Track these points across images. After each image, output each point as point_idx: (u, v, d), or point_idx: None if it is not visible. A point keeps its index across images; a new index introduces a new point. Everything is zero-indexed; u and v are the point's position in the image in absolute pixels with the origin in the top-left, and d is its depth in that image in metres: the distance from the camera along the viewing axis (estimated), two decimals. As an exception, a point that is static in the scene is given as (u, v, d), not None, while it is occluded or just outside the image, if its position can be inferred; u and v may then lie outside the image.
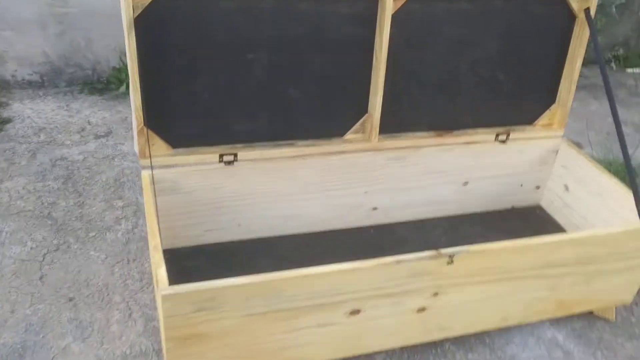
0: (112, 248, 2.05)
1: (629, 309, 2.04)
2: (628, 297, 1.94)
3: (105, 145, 2.59)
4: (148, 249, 2.06)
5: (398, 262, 1.52)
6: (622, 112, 2.11)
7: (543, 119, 2.20)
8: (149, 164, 1.77)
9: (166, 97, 1.72)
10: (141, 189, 2.34)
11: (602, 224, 2.03)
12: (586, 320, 1.98)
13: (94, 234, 2.11)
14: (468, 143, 2.10)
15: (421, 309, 1.64)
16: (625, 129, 3.39)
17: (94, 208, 2.23)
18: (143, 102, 1.68)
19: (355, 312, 1.56)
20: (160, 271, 1.39)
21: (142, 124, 1.71)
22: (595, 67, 3.47)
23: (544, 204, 2.32)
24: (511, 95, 2.12)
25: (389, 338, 1.67)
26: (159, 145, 1.78)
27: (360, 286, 1.52)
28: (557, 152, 2.21)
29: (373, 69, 1.89)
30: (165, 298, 1.33)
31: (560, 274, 1.75)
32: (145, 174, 1.75)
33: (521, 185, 2.27)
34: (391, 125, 1.99)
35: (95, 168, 2.43)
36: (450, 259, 1.57)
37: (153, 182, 1.75)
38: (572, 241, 1.68)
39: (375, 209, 2.11)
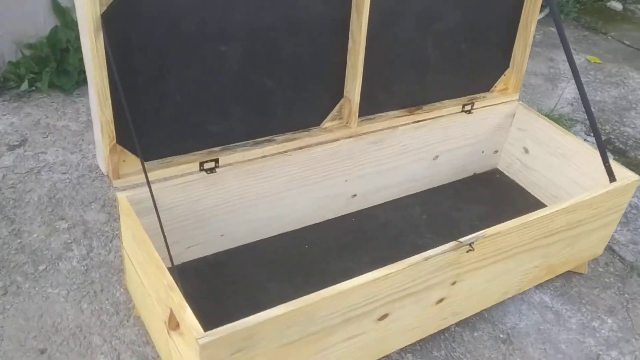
0: (71, 280, 1.78)
1: (595, 260, 2.17)
2: (600, 251, 2.06)
3: (24, 157, 2.21)
4: (112, 274, 1.82)
5: (426, 259, 1.46)
6: (528, 64, 2.20)
7: (500, 84, 2.22)
8: (123, 185, 1.53)
9: (137, 105, 1.48)
10: (82, 203, 2.06)
11: (568, 183, 2.11)
12: (563, 277, 2.07)
13: (44, 266, 1.81)
14: (438, 117, 2.07)
15: (440, 300, 1.61)
16: (535, 80, 3.59)
17: (34, 235, 1.91)
18: (114, 115, 1.42)
19: (384, 316, 1.49)
20: (187, 315, 1.21)
21: (114, 141, 1.46)
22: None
23: (502, 167, 2.37)
24: (471, 64, 2.10)
25: (409, 334, 1.63)
26: (131, 161, 1.54)
27: (391, 290, 1.45)
28: (513, 115, 2.25)
29: (349, 51, 1.77)
30: (204, 347, 1.16)
31: (553, 241, 1.80)
32: (122, 197, 1.50)
33: (482, 152, 2.29)
34: (366, 108, 1.89)
35: (20, 186, 2.08)
36: (471, 246, 1.54)
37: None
38: (566, 209, 1.72)
39: (354, 195, 2.02)
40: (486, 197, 2.23)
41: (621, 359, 1.84)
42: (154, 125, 1.54)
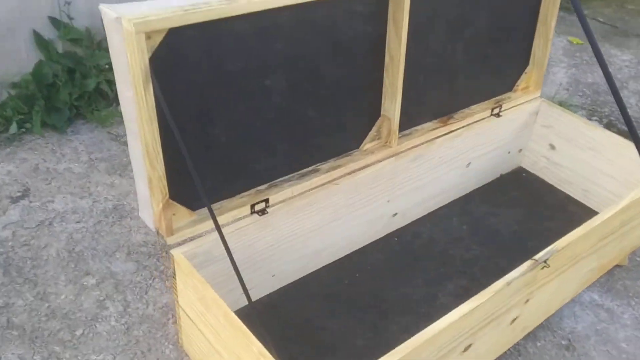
0: (114, 343, 1.64)
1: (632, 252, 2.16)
2: (638, 242, 2.05)
3: (30, 209, 2.03)
4: (156, 329, 1.69)
5: (508, 283, 1.40)
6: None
7: (522, 83, 2.17)
8: (176, 240, 1.40)
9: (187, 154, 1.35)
10: (105, 254, 1.91)
11: (600, 176, 2.08)
12: (606, 272, 2.06)
13: (80, 331, 1.66)
14: (471, 124, 2.00)
15: (514, 319, 1.55)
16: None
17: (62, 296, 1.75)
18: (166, 169, 1.29)
19: (468, 347, 1.42)
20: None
21: (167, 197, 1.33)
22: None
23: (526, 166, 2.33)
24: (494, 66, 2.05)
25: (485, 357, 1.57)
26: (181, 214, 1.41)
27: (477, 320, 1.38)
28: (537, 113, 2.21)
29: (386, 68, 1.68)
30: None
31: (608, 242, 1.77)
32: (179, 254, 1.38)
33: (509, 152, 2.25)
34: (403, 124, 1.81)
35: (34, 243, 1.90)
36: (546, 263, 1.49)
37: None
38: (622, 209, 1.69)
39: (395, 215, 1.94)
40: (517, 199, 2.19)
41: (608, 351, 1.84)
42: (202, 172, 1.41)
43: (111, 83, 2.49)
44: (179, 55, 1.24)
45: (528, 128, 2.24)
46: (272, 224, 1.57)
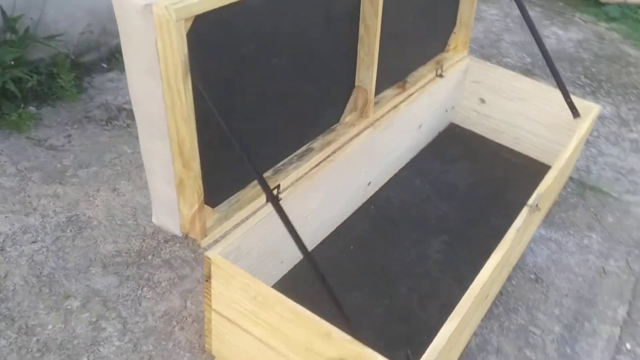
0: (125, 362, 1.51)
1: (558, 184, 2.44)
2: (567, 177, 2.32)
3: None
4: (164, 340, 1.59)
5: (517, 230, 1.52)
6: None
7: (452, 43, 2.30)
8: (209, 242, 1.32)
9: (217, 152, 1.26)
10: (79, 271, 1.73)
11: (529, 123, 2.30)
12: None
13: (84, 359, 1.50)
14: (423, 87, 2.09)
15: (505, 262, 1.70)
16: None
17: (49, 327, 1.55)
18: (202, 169, 1.20)
19: (486, 296, 1.53)
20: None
21: (202, 198, 1.24)
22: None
23: (458, 122, 2.50)
24: (430, 29, 2.15)
25: (487, 301, 1.70)
26: (207, 214, 1.32)
27: (498, 270, 1.49)
28: (466, 70, 2.37)
29: (360, 39, 1.69)
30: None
31: (557, 182, 1.98)
32: (216, 256, 1.30)
33: (446, 110, 2.39)
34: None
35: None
36: (537, 207, 1.64)
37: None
38: (572, 154, 1.90)
39: (369, 183, 1.99)
40: (459, 153, 2.34)
41: (617, 264, 2.13)
42: (221, 165, 1.33)
43: (20, 81, 2.20)
44: (205, 42, 1.15)
45: (460, 85, 2.39)
46: (286, 209, 1.53)
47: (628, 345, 1.84)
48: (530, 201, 1.63)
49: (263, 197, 1.46)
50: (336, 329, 1.19)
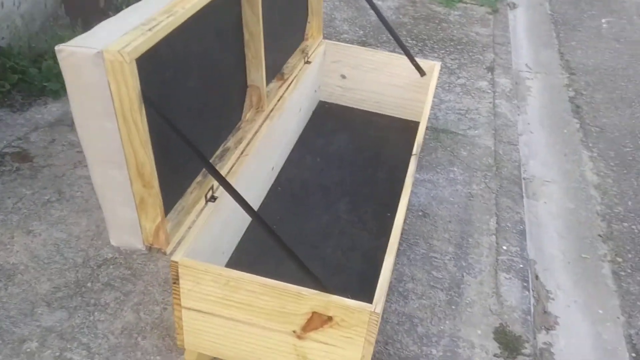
0: (107, 380, 1.61)
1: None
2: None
3: None
4: (132, 350, 1.71)
5: (411, 176, 1.86)
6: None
7: (309, 32, 2.58)
8: (171, 249, 1.47)
9: (170, 166, 1.41)
10: (20, 312, 1.76)
11: (387, 87, 2.68)
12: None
13: (67, 389, 1.58)
14: (296, 75, 2.35)
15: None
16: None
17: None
18: (162, 189, 1.35)
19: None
20: (345, 301, 1.39)
21: (163, 211, 1.39)
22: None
23: (325, 99, 2.80)
24: (291, 21, 2.41)
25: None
26: (166, 224, 1.47)
27: (403, 213, 1.82)
28: (324, 53, 2.67)
29: (246, 43, 1.90)
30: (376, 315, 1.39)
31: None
32: (181, 257, 1.46)
33: (315, 91, 2.68)
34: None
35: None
36: (420, 155, 1.99)
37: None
38: (426, 114, 2.30)
39: (272, 168, 2.22)
40: (335, 125, 2.65)
41: (479, 187, 2.61)
42: (173, 177, 1.49)
43: None
44: (148, 73, 1.29)
45: (323, 67, 2.69)
46: (220, 207, 1.72)
47: (504, 247, 2.31)
48: (414, 151, 1.98)
49: (202, 201, 1.63)
50: (305, 288, 1.42)
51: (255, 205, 2.10)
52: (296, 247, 1.99)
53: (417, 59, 2.56)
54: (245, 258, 1.89)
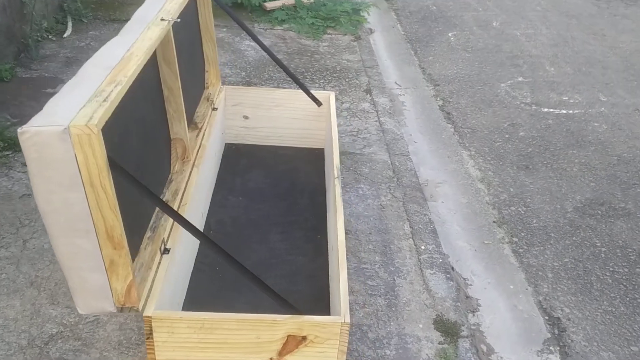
0: None
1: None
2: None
3: None
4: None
5: (334, 201, 2.04)
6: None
7: (208, 80, 2.70)
8: (141, 304, 1.51)
9: (135, 225, 1.46)
10: None
11: (289, 121, 2.86)
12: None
13: None
14: (207, 125, 2.46)
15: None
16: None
17: None
18: (130, 249, 1.41)
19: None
20: (314, 318, 1.53)
21: (134, 272, 1.44)
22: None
23: (230, 140, 2.92)
24: (194, 72, 2.52)
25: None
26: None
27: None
28: (225, 97, 2.80)
29: (166, 99, 1.98)
30: (347, 325, 1.55)
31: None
32: (153, 311, 1.51)
33: (222, 133, 2.79)
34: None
35: None
36: (339, 177, 2.19)
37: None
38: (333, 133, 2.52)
39: (202, 214, 2.29)
40: (249, 163, 2.78)
41: (386, 198, 2.86)
42: (137, 235, 1.53)
43: None
44: (114, 138, 1.36)
45: (225, 110, 2.81)
46: (174, 258, 1.78)
47: (422, 247, 2.56)
48: (336, 174, 2.17)
49: (158, 254, 1.69)
50: (278, 315, 1.54)
51: (195, 252, 2.17)
52: (241, 283, 2.10)
53: (315, 91, 2.77)
54: (198, 302, 1.95)
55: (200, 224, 2.26)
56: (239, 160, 2.81)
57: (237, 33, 4.68)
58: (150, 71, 1.87)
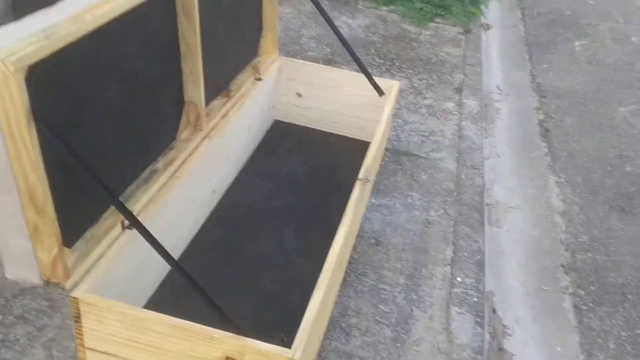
0: None
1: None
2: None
3: None
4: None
5: (355, 202, 1.73)
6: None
7: (262, 48, 2.46)
8: (73, 283, 1.32)
9: (68, 191, 1.27)
10: None
11: (344, 107, 2.56)
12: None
13: None
14: (245, 92, 2.22)
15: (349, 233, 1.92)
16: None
17: None
18: (59, 217, 1.21)
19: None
20: (260, 345, 1.25)
21: (61, 240, 1.24)
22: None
23: (280, 117, 2.67)
24: (242, 37, 2.28)
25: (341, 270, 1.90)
26: (65, 255, 1.33)
27: (345, 237, 1.69)
28: (280, 69, 2.55)
29: (183, 57, 1.77)
30: None
31: (381, 153, 2.26)
32: (83, 293, 1.31)
33: (269, 109, 2.55)
34: (201, 106, 1.94)
35: None
36: (367, 179, 1.87)
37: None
38: (384, 130, 2.18)
39: (213, 191, 2.08)
40: (289, 146, 2.53)
41: (437, 213, 2.49)
42: (73, 204, 1.34)
43: None
44: (43, 86, 1.16)
45: (277, 84, 2.57)
46: (139, 235, 1.57)
47: (459, 279, 2.18)
48: (360, 175, 1.85)
49: (118, 228, 1.49)
50: (217, 330, 1.28)
51: (191, 230, 1.96)
52: (231, 276, 1.86)
53: (379, 78, 2.45)
54: (170, 295, 1.73)
55: (207, 202, 2.04)
56: (281, 140, 2.56)
57: (337, 7, 4.40)
58: (164, 21, 1.65)
